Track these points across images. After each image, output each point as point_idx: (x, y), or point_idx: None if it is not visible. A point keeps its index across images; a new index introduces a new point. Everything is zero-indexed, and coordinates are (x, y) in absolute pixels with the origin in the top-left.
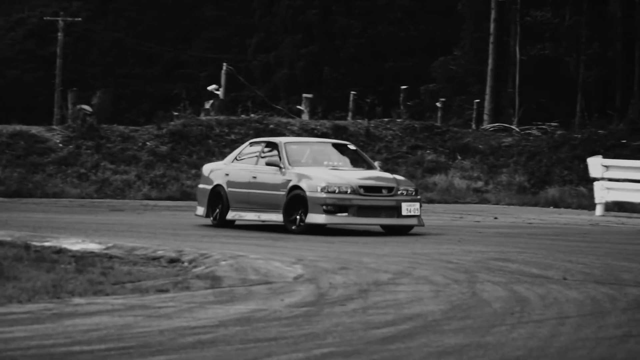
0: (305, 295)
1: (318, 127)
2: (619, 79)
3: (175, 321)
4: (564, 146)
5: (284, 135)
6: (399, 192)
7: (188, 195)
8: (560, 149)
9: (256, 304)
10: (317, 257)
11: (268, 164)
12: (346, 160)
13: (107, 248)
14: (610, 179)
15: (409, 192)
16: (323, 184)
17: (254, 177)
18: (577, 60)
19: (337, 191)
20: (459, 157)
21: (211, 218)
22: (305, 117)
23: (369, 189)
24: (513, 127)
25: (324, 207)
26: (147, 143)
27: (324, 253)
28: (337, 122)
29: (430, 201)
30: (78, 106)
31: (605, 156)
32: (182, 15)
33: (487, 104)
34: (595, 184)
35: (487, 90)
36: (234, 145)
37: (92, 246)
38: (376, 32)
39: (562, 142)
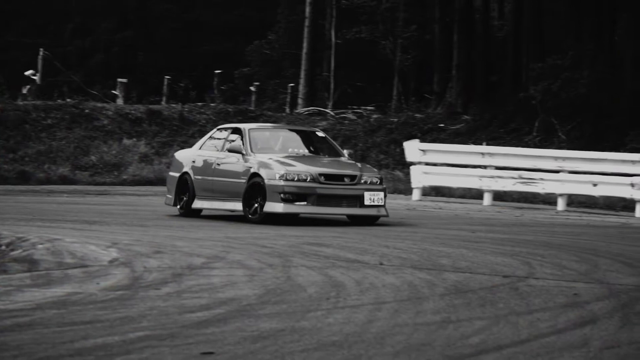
0: (120, 278)
1: (132, 111)
2: (437, 63)
3: None
4: (380, 130)
5: (98, 119)
6: (362, 181)
7: (5, 179)
8: (376, 132)
9: (72, 287)
10: (131, 241)
11: (230, 150)
12: (313, 147)
13: None
14: (427, 163)
15: (373, 181)
16: (282, 172)
17: (218, 165)
18: (394, 43)
19: (296, 179)
20: None
21: (178, 207)
22: (120, 101)
23: (330, 177)
24: (328, 111)
25: (282, 195)
26: None
27: (138, 237)
28: (151, 106)
29: None
30: None
31: (423, 140)
32: None
33: (301, 87)
34: (412, 168)
35: (302, 74)
36: (50, 130)
37: None
38: (192, 16)
39: (378, 126)
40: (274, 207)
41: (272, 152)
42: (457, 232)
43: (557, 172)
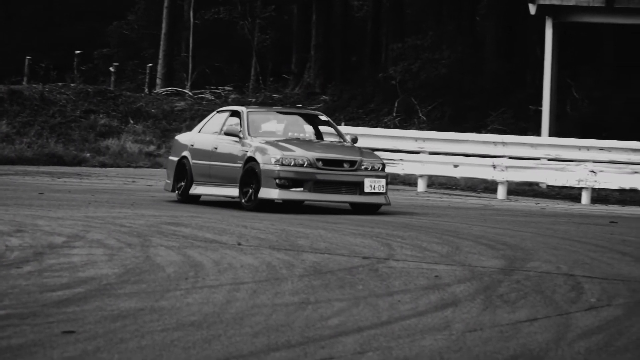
0: None
1: None
2: (295, 43)
3: None
4: None
5: None
6: (363, 167)
7: None
8: None
9: None
10: None
11: (227, 133)
12: (314, 131)
13: None
14: None
15: (374, 167)
16: (278, 156)
17: (215, 148)
18: (252, 24)
19: (292, 164)
20: (132, 121)
21: (176, 192)
22: None
23: (329, 163)
24: (186, 91)
25: (277, 181)
26: None
27: None
28: (12, 86)
29: (103, 165)
30: None
31: None
32: None
33: (160, 68)
34: None
35: (161, 55)
36: None
37: None
38: None
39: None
40: (269, 193)
41: (271, 135)
42: (315, 213)
43: (417, 153)
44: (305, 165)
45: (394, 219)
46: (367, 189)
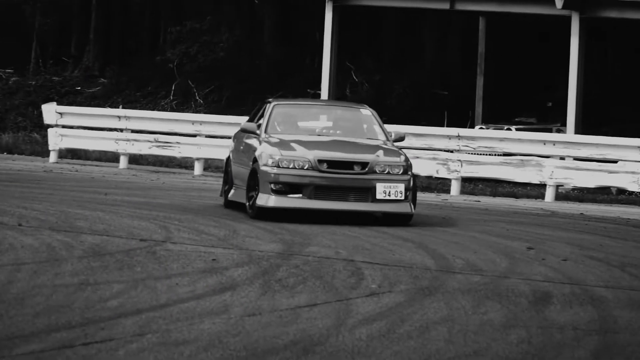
0: None
1: None
2: (75, 26)
3: None
4: (18, 93)
5: None
6: (377, 169)
7: None
8: (14, 95)
9: None
10: None
11: (243, 130)
12: (351, 127)
13: None
14: (64, 126)
15: (392, 171)
16: (276, 157)
17: (241, 147)
18: (33, 6)
19: (291, 166)
20: None
21: (223, 196)
22: None
23: (334, 164)
24: None
25: (272, 186)
26: None
27: None
28: None
29: None
30: None
31: (60, 103)
32: None
33: None
34: (50, 130)
35: None
36: None
37: None
38: None
39: (16, 88)
40: (266, 199)
41: (291, 133)
42: (93, 195)
43: (194, 136)
44: (305, 168)
45: (172, 202)
46: (379, 196)
